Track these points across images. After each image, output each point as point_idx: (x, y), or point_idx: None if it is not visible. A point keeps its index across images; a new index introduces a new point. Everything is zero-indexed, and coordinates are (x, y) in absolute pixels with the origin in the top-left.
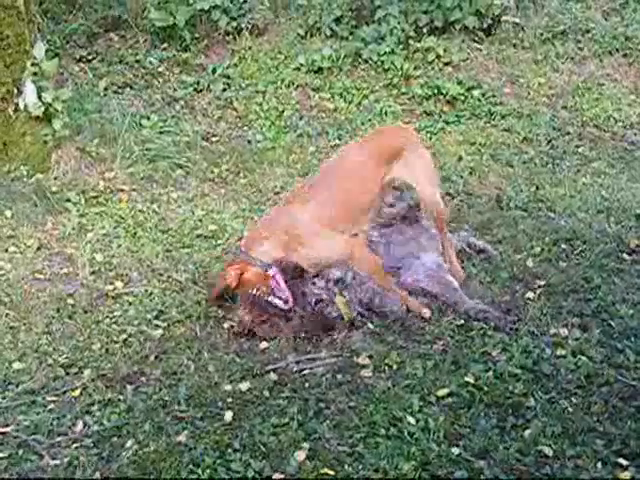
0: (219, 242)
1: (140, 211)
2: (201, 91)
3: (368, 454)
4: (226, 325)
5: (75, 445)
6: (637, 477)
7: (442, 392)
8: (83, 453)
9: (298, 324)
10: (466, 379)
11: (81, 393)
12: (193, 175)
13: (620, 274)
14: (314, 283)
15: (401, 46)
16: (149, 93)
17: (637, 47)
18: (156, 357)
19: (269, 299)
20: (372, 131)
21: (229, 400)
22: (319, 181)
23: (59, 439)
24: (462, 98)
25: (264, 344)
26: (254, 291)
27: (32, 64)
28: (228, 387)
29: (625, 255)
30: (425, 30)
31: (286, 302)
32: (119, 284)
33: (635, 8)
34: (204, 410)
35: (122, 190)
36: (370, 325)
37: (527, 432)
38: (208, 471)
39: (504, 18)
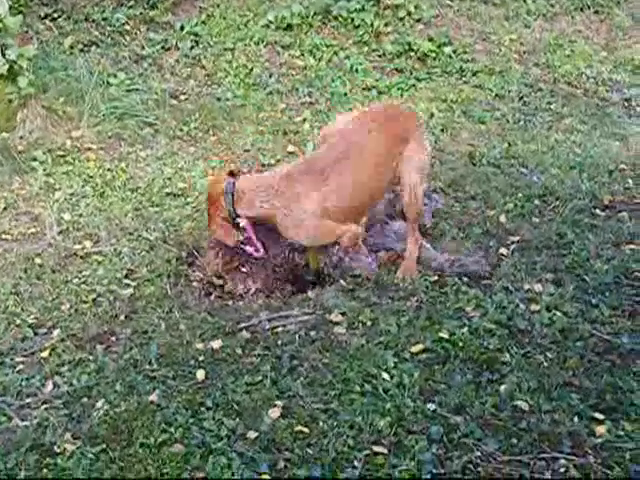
0: (188, 200)
1: (108, 170)
2: (169, 49)
3: (343, 411)
4: (195, 284)
5: (45, 406)
6: (613, 431)
7: (416, 348)
8: (53, 414)
9: (270, 273)
10: (440, 335)
11: (50, 354)
12: (162, 133)
13: (593, 230)
14: None
15: (371, 2)
16: (116, 51)
17: (608, 4)
18: (126, 316)
19: (241, 245)
20: (380, 107)
21: (201, 359)
22: (330, 161)
23: (28, 400)
24: (433, 55)
25: (236, 303)
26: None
27: None
28: (200, 346)
29: (598, 211)
30: None
31: (257, 251)
32: (88, 243)
33: None
34: (176, 369)
35: (90, 149)
36: (342, 282)
37: (502, 387)
38: (181, 430)
39: None
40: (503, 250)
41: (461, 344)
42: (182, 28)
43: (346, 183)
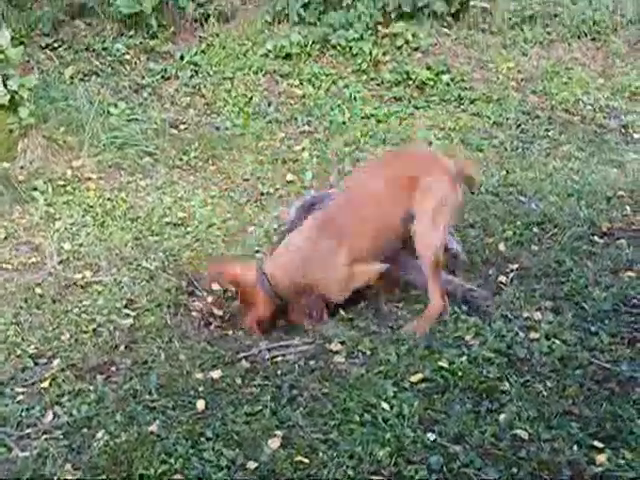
0: (188, 229)
1: (108, 199)
2: (169, 78)
3: (342, 441)
4: (195, 313)
5: (45, 436)
6: (613, 459)
7: (416, 377)
8: (53, 445)
9: None
10: (440, 364)
11: (50, 384)
12: (161, 163)
13: (592, 257)
14: None
15: (369, 31)
16: (116, 80)
17: (605, 31)
18: (126, 346)
19: None
20: (395, 154)
21: (201, 389)
22: (347, 213)
23: (28, 431)
24: (431, 83)
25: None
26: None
27: None
28: (199, 376)
29: (596, 238)
30: (393, 15)
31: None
32: (88, 273)
33: None
34: (175, 399)
35: (90, 178)
36: (342, 311)
37: (502, 416)
38: (181, 461)
39: (472, 3)
40: (502, 278)
41: (460, 373)
42: (182, 57)
43: (363, 228)
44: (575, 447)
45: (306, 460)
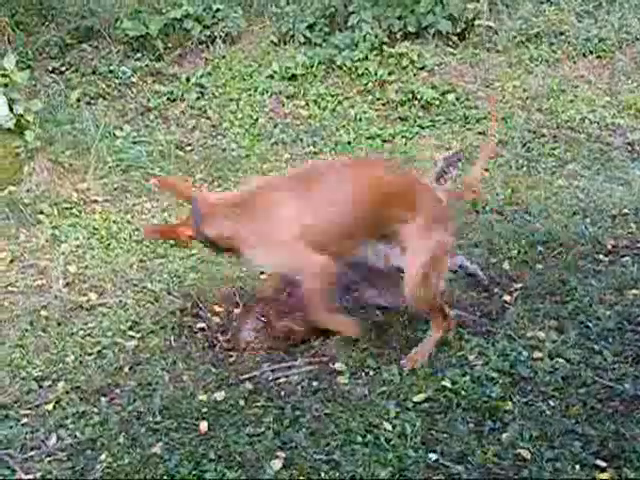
0: (193, 251)
1: (114, 222)
2: (175, 100)
3: (345, 461)
4: (199, 335)
5: (49, 459)
6: (616, 478)
7: (419, 397)
8: (56, 467)
9: None
10: (443, 384)
11: (55, 406)
12: None
13: (597, 275)
14: None
15: (375, 52)
16: (122, 103)
17: (610, 49)
18: (130, 368)
19: None
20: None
21: (204, 410)
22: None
23: (32, 453)
24: (437, 102)
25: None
26: None
27: (2, 75)
28: (203, 397)
29: (601, 256)
30: (399, 35)
31: None
32: (93, 295)
33: (608, 10)
34: (179, 421)
35: (95, 201)
36: None
37: (505, 435)
38: None
39: (478, 22)
40: (507, 297)
41: (463, 393)
42: (188, 80)
43: (332, 201)
44: (578, 466)
45: None
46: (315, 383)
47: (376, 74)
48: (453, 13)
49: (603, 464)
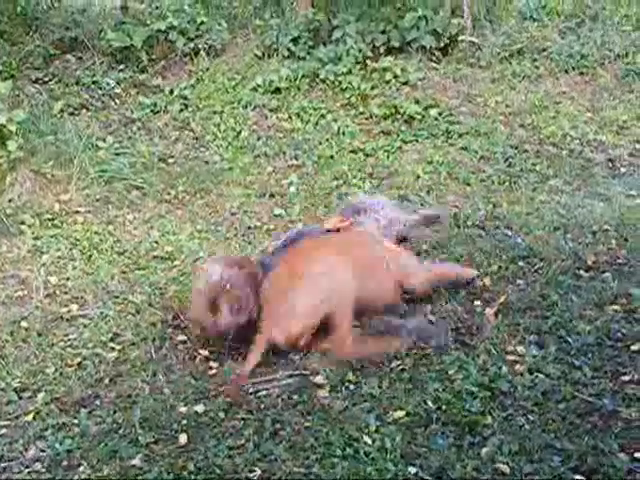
0: (175, 263)
1: (96, 233)
2: (158, 112)
3: (324, 475)
4: (180, 347)
5: (27, 470)
6: None
7: (399, 411)
8: (35, 478)
9: None
10: (423, 398)
11: (34, 417)
12: (149, 196)
13: (577, 291)
14: None
15: (358, 66)
16: (105, 114)
17: (593, 65)
18: (111, 380)
19: None
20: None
21: (184, 422)
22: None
23: (11, 464)
24: (419, 117)
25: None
26: None
27: None
28: (183, 409)
29: (582, 272)
30: (382, 50)
31: None
32: (74, 307)
33: (590, 27)
34: (159, 433)
35: (77, 212)
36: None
37: (484, 450)
38: None
39: (461, 37)
40: (487, 311)
41: (443, 407)
42: (171, 92)
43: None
44: None
45: None
46: (295, 396)
47: (359, 88)
48: (437, 28)
49: (582, 479)
